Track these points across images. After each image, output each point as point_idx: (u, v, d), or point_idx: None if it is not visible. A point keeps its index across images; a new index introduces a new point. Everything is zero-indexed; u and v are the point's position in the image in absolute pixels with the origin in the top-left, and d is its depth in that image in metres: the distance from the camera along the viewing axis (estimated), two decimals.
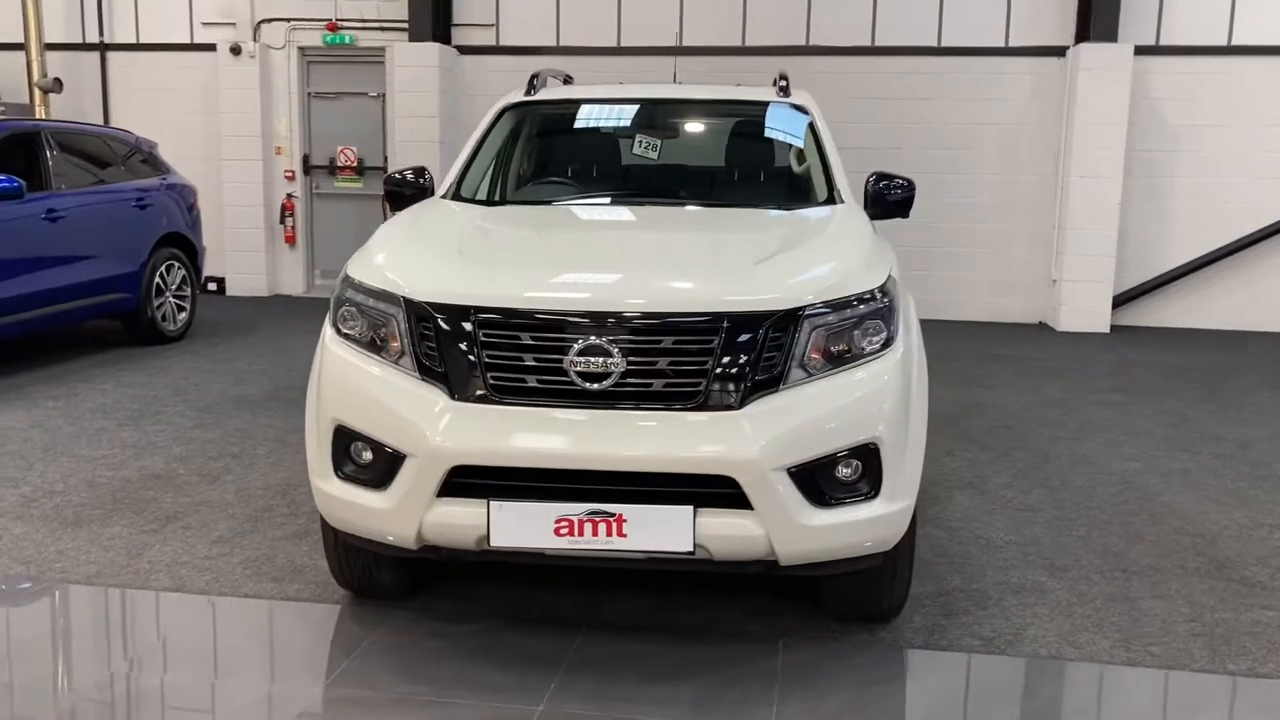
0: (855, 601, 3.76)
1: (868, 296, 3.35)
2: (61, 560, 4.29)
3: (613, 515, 3.12)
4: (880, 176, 4.51)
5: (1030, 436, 6.62)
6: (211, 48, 12.45)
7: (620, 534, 3.13)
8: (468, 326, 3.20)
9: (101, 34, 12.74)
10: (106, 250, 8.52)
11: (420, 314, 3.27)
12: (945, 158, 11.57)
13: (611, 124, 4.99)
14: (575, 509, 3.12)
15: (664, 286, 3.29)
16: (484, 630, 3.74)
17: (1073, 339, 10.81)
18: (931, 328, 11.28)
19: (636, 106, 5.07)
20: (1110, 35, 11.06)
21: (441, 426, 3.17)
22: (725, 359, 3.14)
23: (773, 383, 3.17)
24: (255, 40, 12.41)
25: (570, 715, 3.18)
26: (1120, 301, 11.42)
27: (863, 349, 3.31)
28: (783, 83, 5.08)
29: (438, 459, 3.16)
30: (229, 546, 4.46)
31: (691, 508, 3.11)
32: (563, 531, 3.13)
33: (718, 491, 3.12)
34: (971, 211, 11.63)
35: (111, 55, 12.80)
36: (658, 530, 3.13)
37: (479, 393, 3.18)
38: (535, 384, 3.17)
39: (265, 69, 12.38)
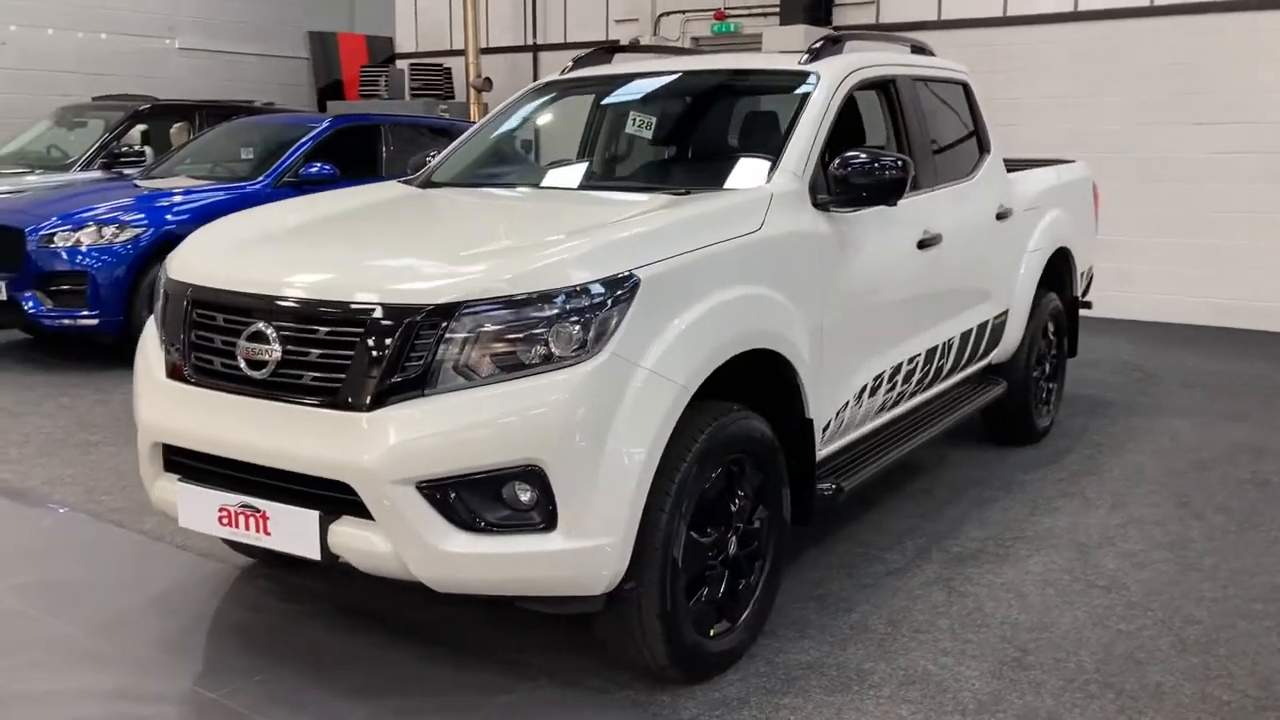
0: (617, 652, 3.22)
1: (564, 293, 2.84)
2: (99, 488, 4.95)
3: (259, 511, 2.99)
4: (852, 156, 3.72)
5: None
6: (615, 43, 13.18)
7: (265, 531, 3.00)
8: (184, 304, 3.23)
9: (535, 36, 14.03)
10: None
11: (167, 290, 3.35)
12: None
13: (614, 102, 4.61)
14: (232, 500, 3.04)
15: (330, 275, 3.06)
16: (299, 614, 3.75)
17: None
18: None
19: (638, 83, 4.63)
20: None
21: (149, 402, 3.26)
22: (364, 355, 2.85)
23: (416, 386, 2.82)
24: (654, 34, 12.92)
25: (230, 709, 3.11)
26: None
27: (554, 355, 2.82)
28: (817, 44, 4.36)
29: (143, 433, 3.25)
30: None
31: (318, 513, 2.89)
32: (224, 521, 3.07)
33: (351, 499, 2.86)
34: None
35: (542, 55, 14.05)
36: (292, 532, 2.95)
37: (183, 372, 3.20)
38: (220, 367, 3.12)
39: None
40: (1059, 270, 6.08)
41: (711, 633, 3.27)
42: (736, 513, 3.33)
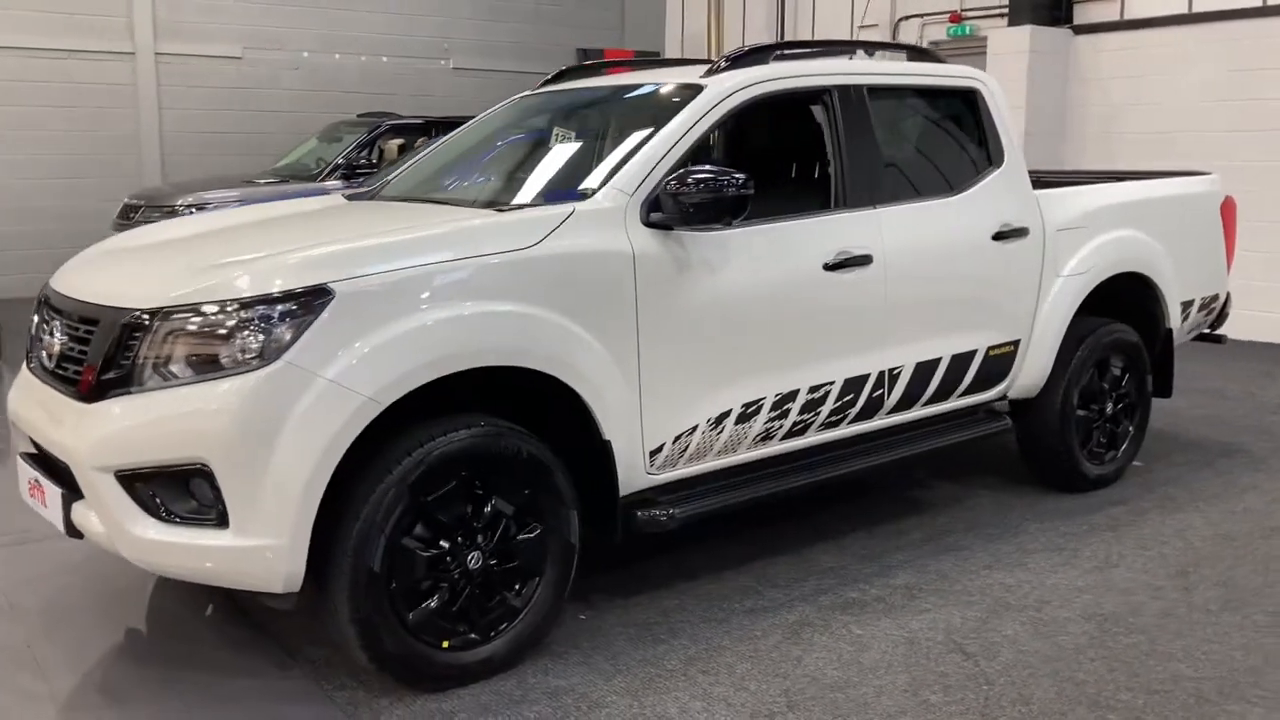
0: (340, 650, 3.33)
1: (244, 303, 3.02)
2: None
3: (41, 486, 3.40)
4: (688, 174, 3.59)
5: None
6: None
7: (45, 504, 3.40)
8: (39, 303, 3.72)
9: (781, 36, 13.97)
10: None
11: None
12: None
13: (549, 117, 4.62)
14: (33, 474, 3.47)
15: (100, 281, 3.41)
16: (174, 583, 4.13)
17: None
18: None
19: (573, 98, 4.62)
20: None
21: (10, 388, 3.76)
22: (94, 352, 3.18)
23: (126, 383, 3.11)
24: (893, 38, 12.49)
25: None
26: None
27: (234, 361, 3.02)
28: (736, 54, 4.19)
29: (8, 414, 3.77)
30: None
31: (61, 490, 3.25)
32: (30, 493, 3.51)
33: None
34: None
35: None
36: (52, 506, 3.33)
37: (29, 362, 3.68)
38: (40, 358, 3.56)
39: None
40: (1141, 299, 5.38)
41: (446, 644, 3.30)
42: (484, 528, 3.34)
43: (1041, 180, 5.76)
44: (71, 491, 3.24)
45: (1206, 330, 5.98)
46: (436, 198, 4.31)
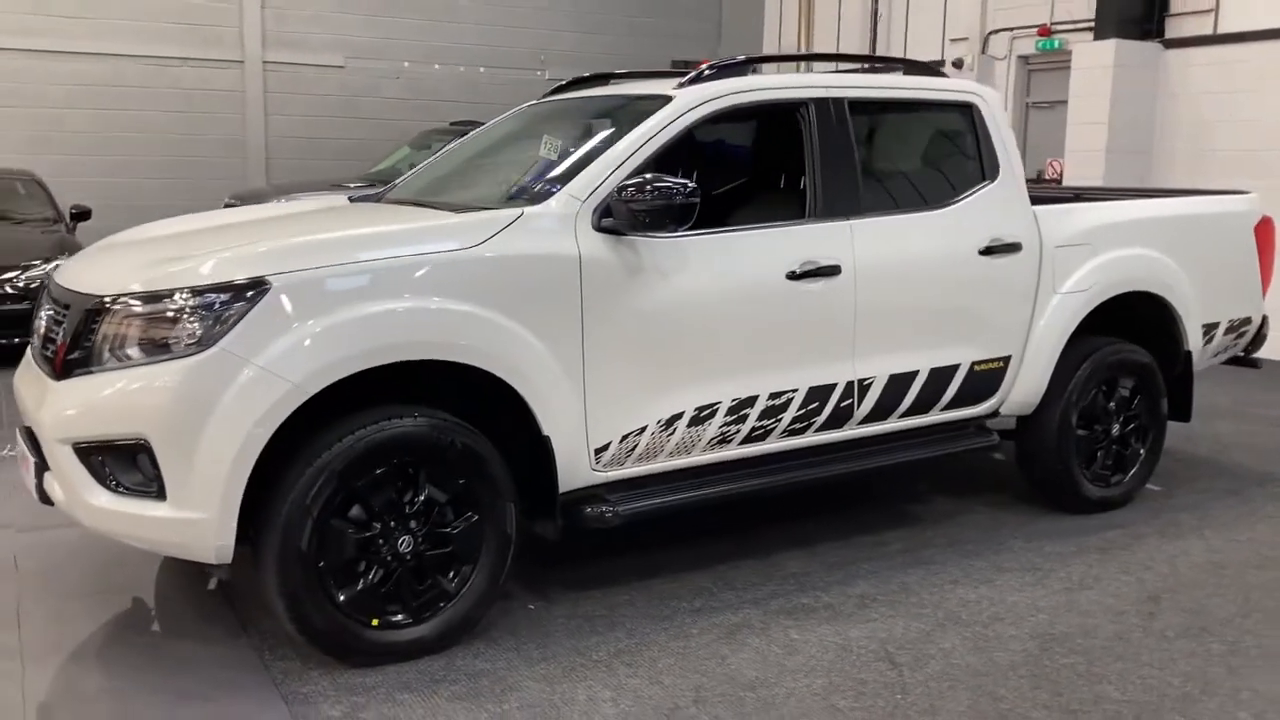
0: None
1: (186, 292, 3.27)
2: None
3: (27, 456, 3.70)
4: (644, 182, 3.71)
5: None
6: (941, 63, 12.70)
7: (27, 472, 3.70)
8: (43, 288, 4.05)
9: (874, 49, 13.87)
10: None
11: None
12: None
13: (545, 125, 4.75)
14: (21, 445, 3.78)
15: (82, 271, 3.70)
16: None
17: None
18: None
19: (569, 107, 4.76)
20: None
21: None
22: (64, 335, 3.46)
23: (86, 363, 3.38)
24: (983, 51, 12.30)
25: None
26: None
27: (176, 345, 3.26)
28: (708, 69, 4.27)
29: None
30: None
31: (34, 460, 3.55)
32: (22, 465, 3.82)
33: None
34: None
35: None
36: (28, 474, 3.63)
37: (31, 345, 4.01)
38: (34, 340, 3.88)
39: (984, 81, 12.19)
40: (1159, 319, 5.25)
41: (375, 622, 3.48)
42: (416, 514, 3.50)
43: (1081, 196, 5.70)
44: (44, 462, 3.52)
45: (1240, 354, 5.78)
46: (429, 201, 4.50)
